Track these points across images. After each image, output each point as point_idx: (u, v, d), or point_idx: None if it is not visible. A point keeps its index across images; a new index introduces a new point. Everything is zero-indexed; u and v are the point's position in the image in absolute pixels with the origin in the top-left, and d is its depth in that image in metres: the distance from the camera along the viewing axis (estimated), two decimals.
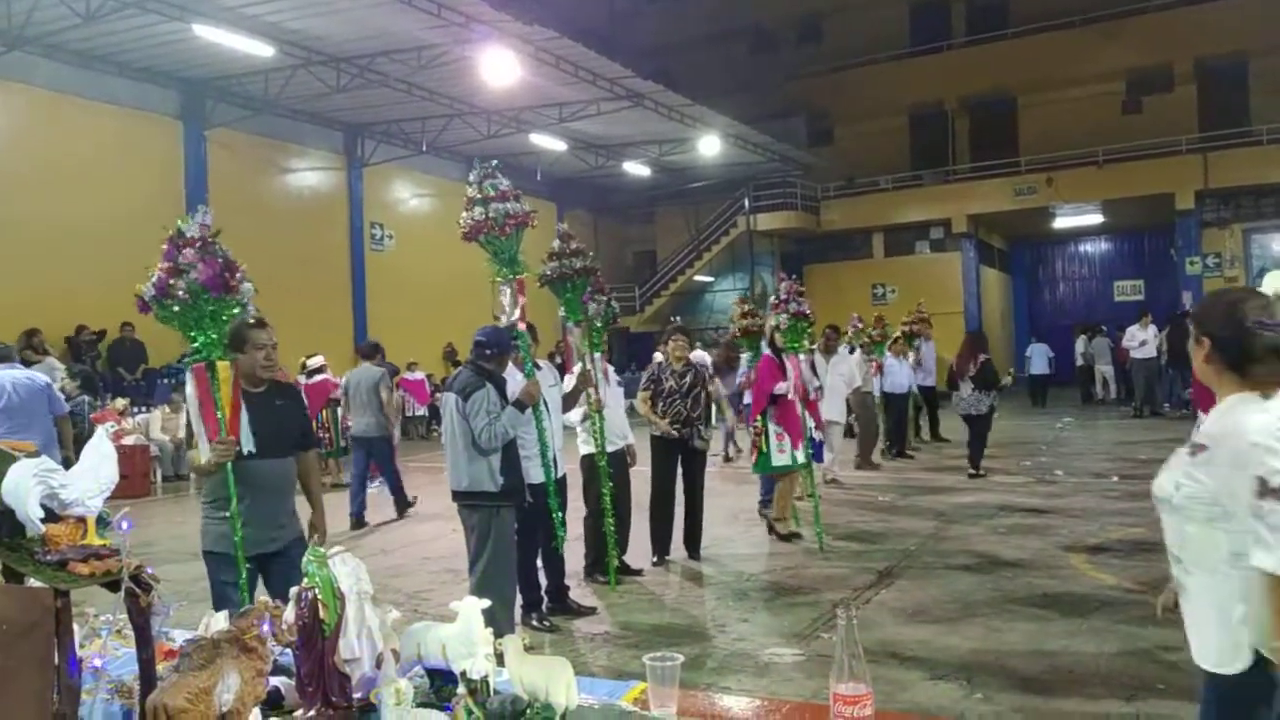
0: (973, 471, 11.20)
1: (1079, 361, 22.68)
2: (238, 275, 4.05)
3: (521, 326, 5.47)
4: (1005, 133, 27.05)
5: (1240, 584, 2.13)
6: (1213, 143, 23.44)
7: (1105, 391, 22.12)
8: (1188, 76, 25.06)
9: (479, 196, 5.32)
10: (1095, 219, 26.94)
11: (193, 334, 4.01)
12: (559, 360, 7.76)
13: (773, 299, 8.16)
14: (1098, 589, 6.15)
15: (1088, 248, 30.19)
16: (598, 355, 6.46)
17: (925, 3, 28.74)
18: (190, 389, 3.96)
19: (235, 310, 4.05)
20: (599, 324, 6.42)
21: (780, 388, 7.68)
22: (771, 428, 7.76)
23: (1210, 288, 23.48)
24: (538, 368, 5.85)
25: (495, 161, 5.59)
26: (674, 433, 7.16)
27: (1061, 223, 27.06)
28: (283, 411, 4.16)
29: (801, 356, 8.08)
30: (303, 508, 4.29)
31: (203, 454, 3.90)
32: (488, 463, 4.92)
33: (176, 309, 4.03)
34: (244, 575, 3.91)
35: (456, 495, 5.09)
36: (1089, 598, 5.94)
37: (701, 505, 7.51)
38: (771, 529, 8.09)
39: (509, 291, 5.47)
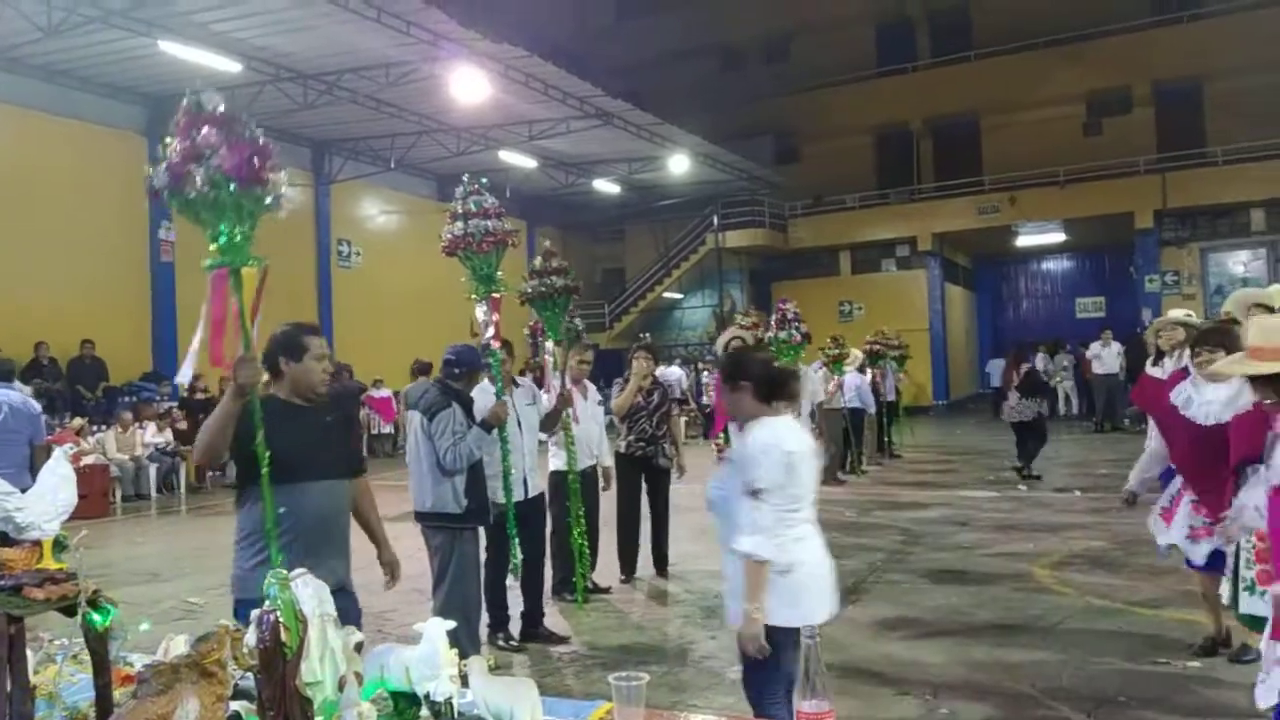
0: (1026, 472, 11.59)
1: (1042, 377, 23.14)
2: (270, 162, 3.27)
3: (496, 344, 5.39)
4: (969, 153, 27.46)
5: None
6: (1170, 163, 23.96)
7: (1067, 406, 22.56)
8: (1146, 99, 25.63)
9: (461, 211, 5.30)
10: (1057, 237, 27.42)
11: (219, 230, 3.26)
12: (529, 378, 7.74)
13: (774, 318, 8.24)
14: (1061, 602, 6.22)
15: (1050, 265, 30.69)
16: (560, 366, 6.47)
17: (890, 24, 29.17)
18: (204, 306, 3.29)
19: (266, 204, 3.32)
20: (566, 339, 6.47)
21: None
22: None
23: (1169, 305, 23.93)
24: (516, 385, 5.82)
25: (484, 179, 5.57)
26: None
27: (1024, 241, 27.50)
28: (334, 429, 3.48)
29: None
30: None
31: (184, 375, 3.41)
32: (451, 484, 4.85)
33: (193, 198, 3.19)
34: None
35: (419, 516, 5.04)
36: (1052, 610, 6.01)
37: (667, 523, 7.50)
38: None
39: (484, 309, 5.44)
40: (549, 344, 6.48)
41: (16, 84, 14.77)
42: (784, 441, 2.98)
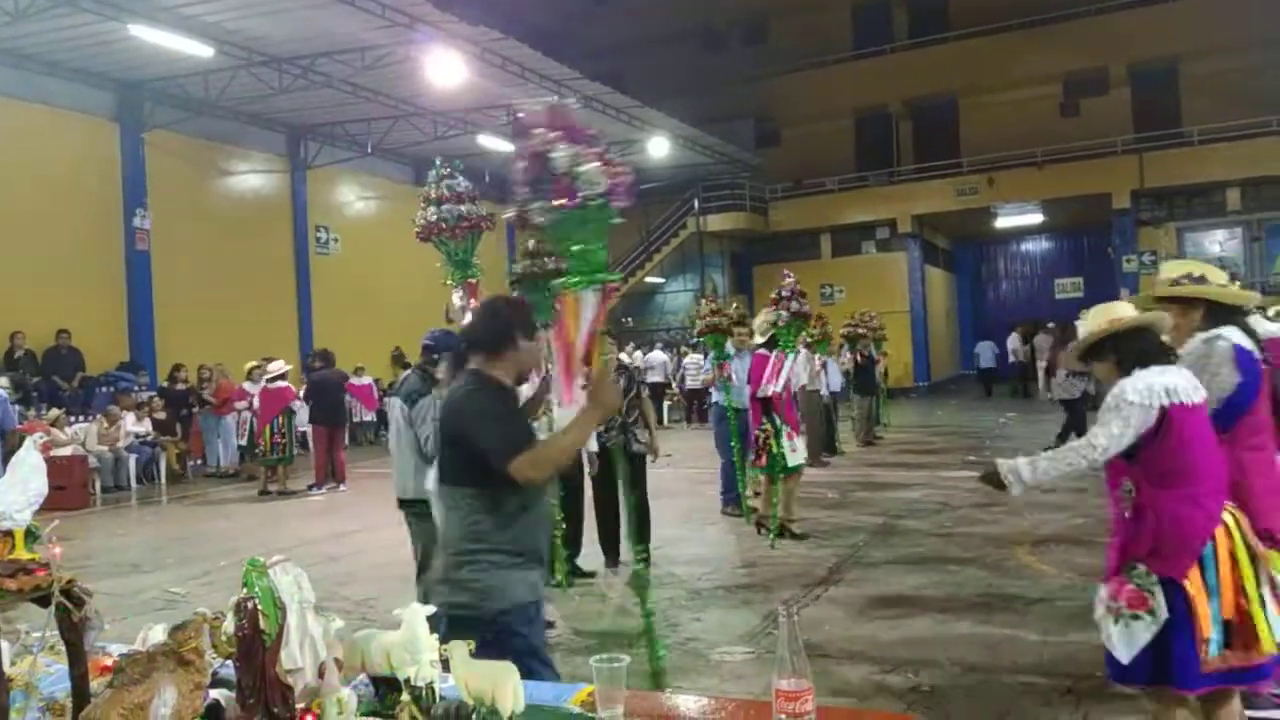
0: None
1: (1011, 358, 23.53)
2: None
3: None
4: (947, 134, 27.54)
5: None
6: (1147, 144, 24.13)
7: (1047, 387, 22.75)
8: (1122, 79, 25.76)
9: (434, 196, 5.23)
10: (1035, 218, 27.58)
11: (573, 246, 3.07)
12: None
13: (773, 295, 8.07)
14: (1040, 580, 6.29)
15: (1029, 247, 30.87)
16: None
17: (867, 6, 29.14)
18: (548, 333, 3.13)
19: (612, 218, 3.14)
20: None
21: (770, 388, 7.67)
22: (784, 428, 7.70)
23: (1147, 285, 24.16)
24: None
25: (459, 162, 5.50)
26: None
27: (1003, 222, 27.64)
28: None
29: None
30: None
31: (557, 416, 3.23)
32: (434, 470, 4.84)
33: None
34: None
35: (402, 503, 5.03)
36: (1032, 588, 6.08)
37: (648, 507, 7.46)
38: (784, 530, 7.82)
39: (460, 294, 5.40)
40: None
41: None
42: None
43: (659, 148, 22.91)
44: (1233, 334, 3.33)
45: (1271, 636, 2.82)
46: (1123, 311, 3.12)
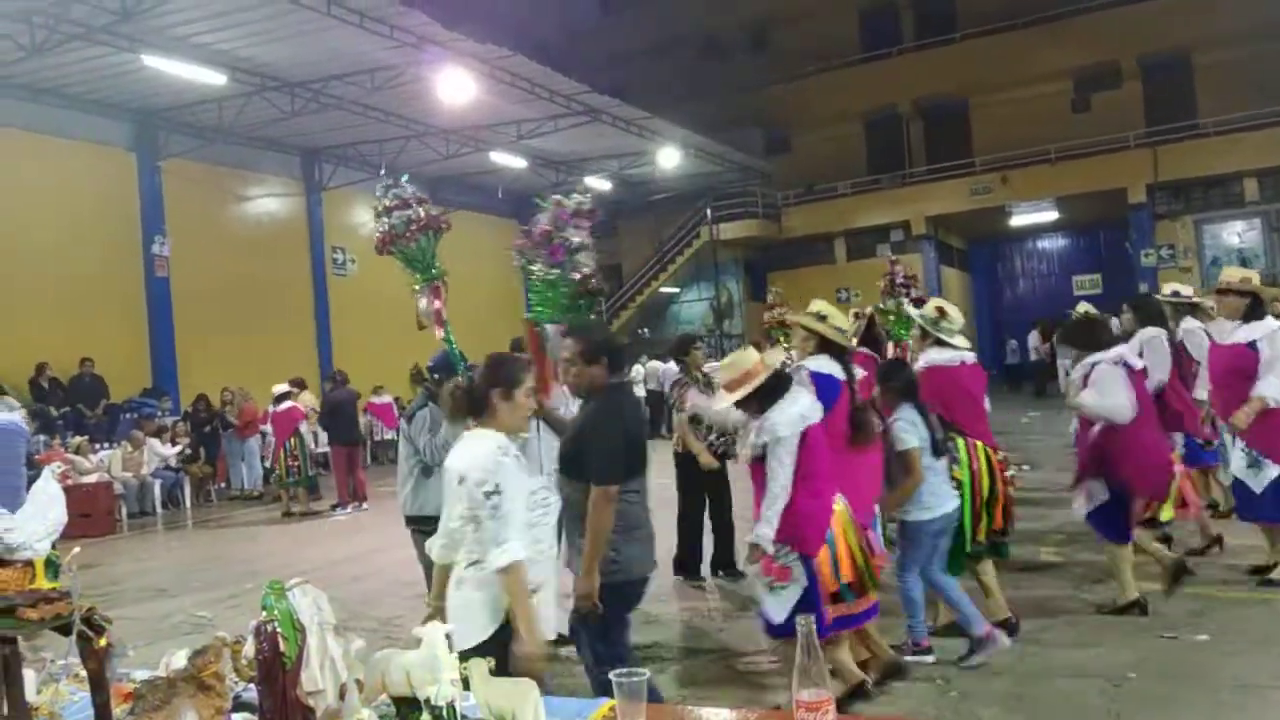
0: None
1: (1032, 356, 23.41)
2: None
3: (439, 331, 5.16)
4: (959, 134, 27.43)
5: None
6: (1161, 137, 23.94)
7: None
8: (1134, 73, 25.58)
9: (383, 208, 5.23)
10: (1050, 215, 27.38)
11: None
12: None
13: (882, 283, 7.64)
14: (1069, 579, 6.22)
15: (1045, 244, 30.67)
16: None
17: (874, 8, 29.10)
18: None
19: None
20: None
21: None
22: None
23: (1166, 279, 23.88)
24: None
25: (404, 175, 5.56)
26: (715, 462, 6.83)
27: (1018, 220, 27.47)
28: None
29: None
30: None
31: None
32: (437, 484, 4.83)
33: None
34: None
35: (408, 520, 5.07)
36: (1061, 588, 6.01)
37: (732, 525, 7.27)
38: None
39: (425, 300, 5.37)
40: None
41: (1, 105, 14.73)
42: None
43: (669, 158, 22.96)
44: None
45: (875, 586, 4.12)
46: (753, 359, 3.98)
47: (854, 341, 7.51)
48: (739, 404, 3.95)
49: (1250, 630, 4.93)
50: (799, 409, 3.84)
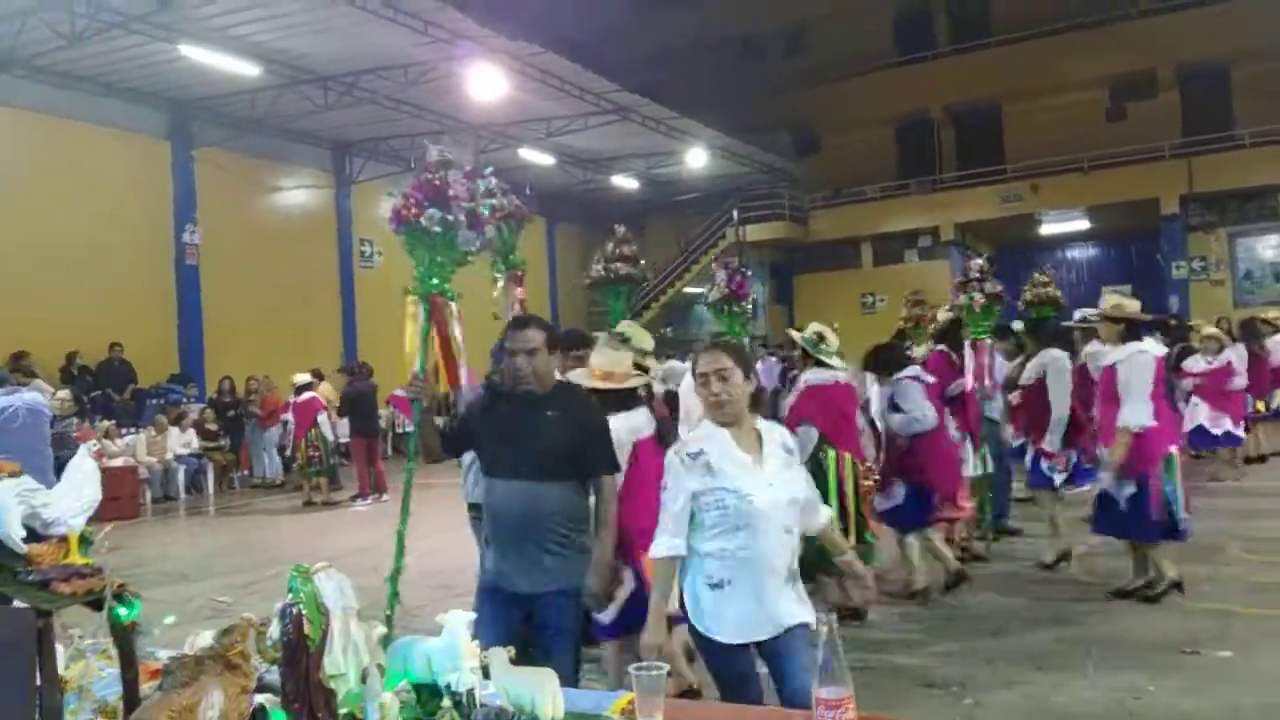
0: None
1: None
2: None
3: None
4: (991, 141, 27.19)
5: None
6: (1196, 147, 23.61)
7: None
8: (1170, 82, 25.23)
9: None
10: (1082, 225, 27.08)
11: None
12: None
13: (959, 278, 7.24)
14: (1084, 589, 6.17)
15: (1075, 254, 30.32)
16: None
17: (909, 14, 28.92)
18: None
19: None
20: None
21: (958, 385, 6.94)
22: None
23: (1198, 292, 23.65)
24: None
25: (489, 166, 5.41)
26: None
27: (1048, 229, 27.20)
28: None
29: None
30: None
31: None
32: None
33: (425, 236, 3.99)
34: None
35: (470, 507, 5.09)
36: (1078, 599, 5.96)
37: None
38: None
39: (503, 285, 5.34)
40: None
41: (41, 92, 14.95)
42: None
43: (697, 158, 22.94)
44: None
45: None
46: (625, 363, 4.15)
47: (930, 344, 7.55)
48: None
49: (1274, 648, 4.87)
50: (632, 423, 4.01)
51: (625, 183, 25.34)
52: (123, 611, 1.59)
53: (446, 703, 1.80)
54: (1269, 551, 6.94)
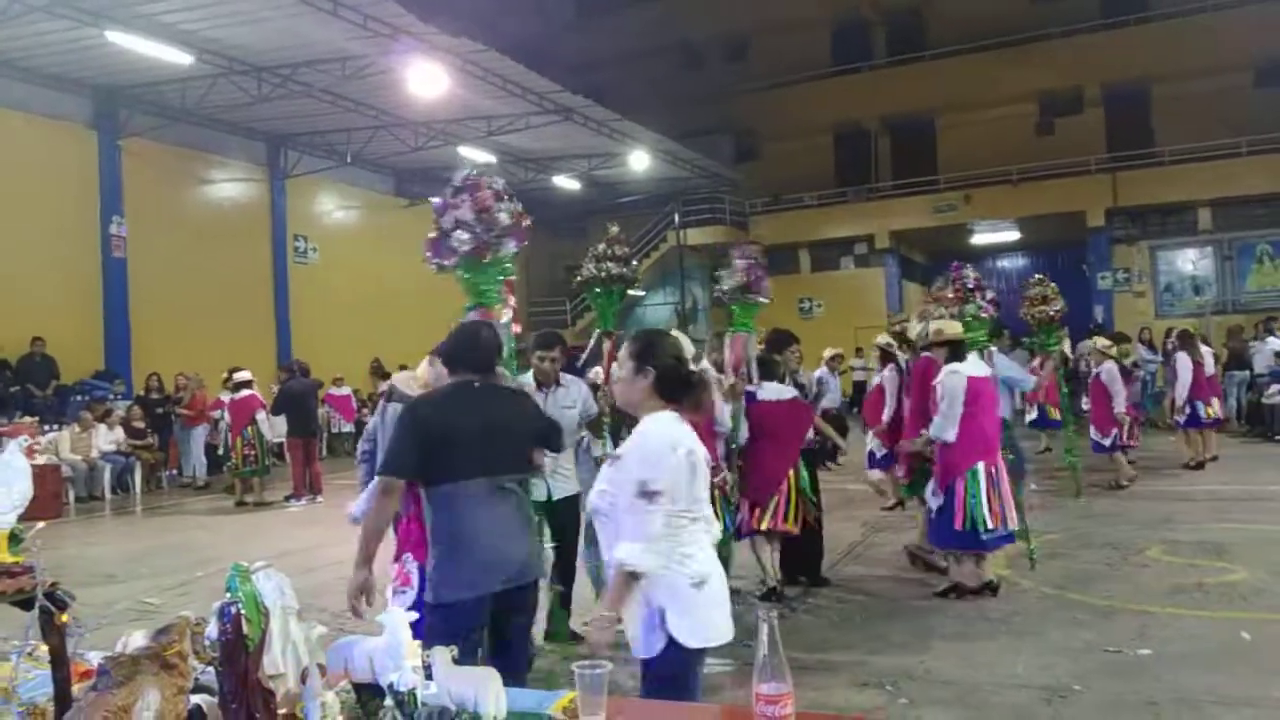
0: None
1: None
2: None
3: (516, 329, 4.67)
4: (925, 151, 27.78)
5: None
6: (1120, 163, 24.46)
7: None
8: (1096, 100, 26.12)
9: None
10: (1012, 235, 27.84)
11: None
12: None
13: (951, 289, 6.86)
14: (1017, 592, 6.35)
15: (1005, 263, 31.11)
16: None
17: (846, 24, 29.40)
18: None
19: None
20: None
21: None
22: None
23: (1121, 303, 24.46)
24: (558, 384, 5.32)
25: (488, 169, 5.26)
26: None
27: (979, 239, 27.89)
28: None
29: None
30: None
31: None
32: None
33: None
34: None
35: None
36: (1009, 600, 6.13)
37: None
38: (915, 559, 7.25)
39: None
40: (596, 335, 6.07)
41: None
42: (683, 439, 2.69)
43: (639, 161, 23.01)
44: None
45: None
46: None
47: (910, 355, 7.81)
48: None
49: (1190, 646, 5.07)
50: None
51: (567, 183, 25.28)
52: (54, 610, 1.55)
53: (389, 702, 1.79)
54: (1189, 554, 7.22)
